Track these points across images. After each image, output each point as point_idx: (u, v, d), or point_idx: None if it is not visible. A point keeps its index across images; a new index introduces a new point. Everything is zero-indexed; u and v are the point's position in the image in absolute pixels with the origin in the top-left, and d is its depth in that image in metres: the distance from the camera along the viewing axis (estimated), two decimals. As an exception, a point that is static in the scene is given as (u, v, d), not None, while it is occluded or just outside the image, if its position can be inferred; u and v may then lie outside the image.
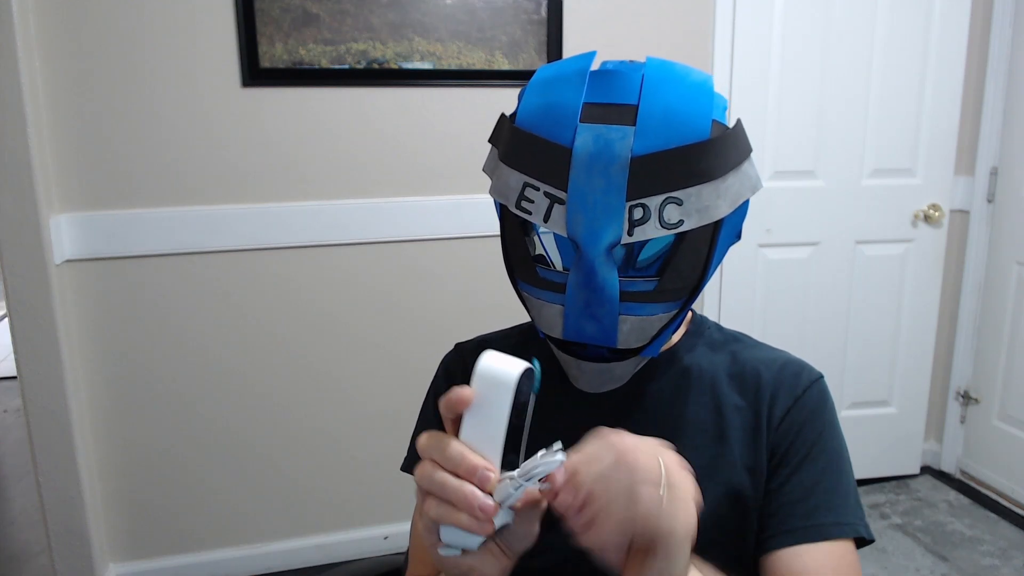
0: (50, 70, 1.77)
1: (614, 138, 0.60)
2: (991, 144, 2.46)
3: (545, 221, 0.63)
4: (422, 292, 2.12)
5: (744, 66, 2.22)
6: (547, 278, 0.66)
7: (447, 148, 2.06)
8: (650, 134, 0.60)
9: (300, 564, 2.16)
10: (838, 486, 0.71)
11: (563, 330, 0.66)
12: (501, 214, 0.70)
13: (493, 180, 0.69)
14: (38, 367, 1.81)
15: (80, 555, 1.92)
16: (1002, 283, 2.47)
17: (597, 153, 0.60)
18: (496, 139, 0.71)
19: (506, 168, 0.66)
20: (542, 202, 0.63)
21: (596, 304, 0.63)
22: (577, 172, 0.61)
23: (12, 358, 1.85)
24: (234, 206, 1.95)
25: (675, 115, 0.61)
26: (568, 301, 0.64)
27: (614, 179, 0.60)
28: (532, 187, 0.63)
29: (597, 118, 0.61)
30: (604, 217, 0.60)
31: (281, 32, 1.88)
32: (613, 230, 0.61)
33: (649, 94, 0.62)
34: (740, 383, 0.76)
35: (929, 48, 2.30)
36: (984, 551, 2.20)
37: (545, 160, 0.62)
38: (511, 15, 2.00)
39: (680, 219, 0.61)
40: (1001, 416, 2.50)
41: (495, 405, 0.48)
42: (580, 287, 0.63)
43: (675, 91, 0.62)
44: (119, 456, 1.99)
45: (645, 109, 0.61)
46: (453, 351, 0.87)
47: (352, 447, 2.15)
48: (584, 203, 0.61)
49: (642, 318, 0.65)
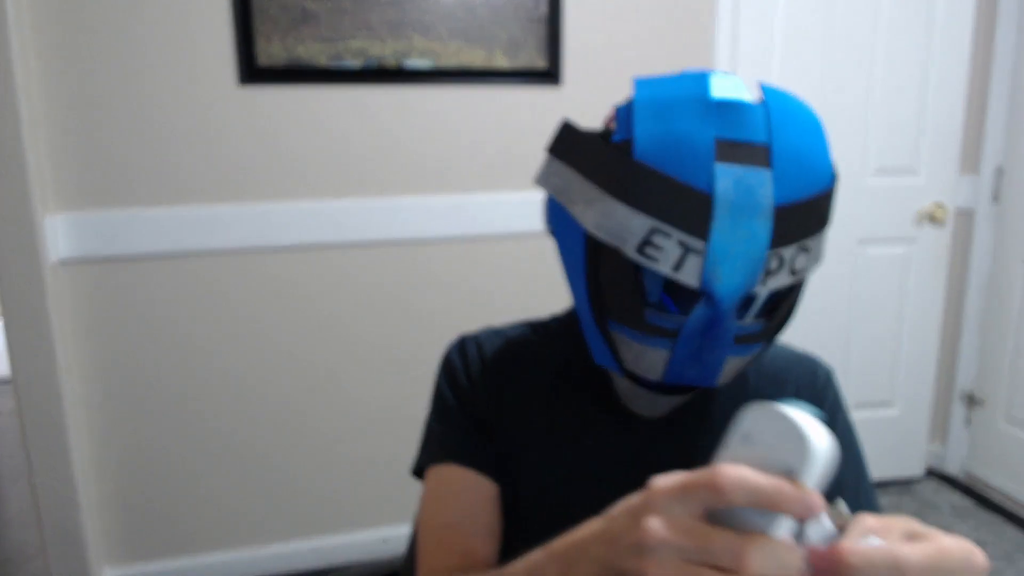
0: (45, 68, 1.75)
1: (753, 184, 0.56)
2: (996, 142, 2.44)
3: (676, 271, 0.57)
4: (421, 292, 2.10)
5: (746, 65, 2.20)
6: (658, 324, 0.60)
7: (446, 147, 2.04)
8: (788, 181, 0.57)
9: (298, 567, 2.14)
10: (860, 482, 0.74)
11: (664, 374, 0.62)
12: (589, 249, 0.62)
13: (591, 214, 0.60)
14: (32, 368, 1.79)
15: (75, 558, 1.91)
16: (1007, 283, 2.45)
17: (740, 201, 0.56)
18: (569, 156, 0.63)
19: (624, 208, 0.58)
20: (673, 250, 0.56)
21: (708, 351, 0.60)
22: (720, 222, 0.56)
23: (6, 359, 1.83)
24: (231, 205, 1.93)
25: (807, 159, 0.58)
26: (680, 348, 0.60)
27: (758, 230, 0.56)
28: (663, 234, 0.57)
29: (731, 157, 0.56)
30: (744, 269, 0.56)
31: (279, 30, 1.87)
32: (750, 281, 0.57)
33: (779, 132, 0.58)
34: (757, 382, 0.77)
35: (933, 45, 2.29)
36: (989, 554, 2.18)
37: (680, 204, 0.56)
38: (511, 13, 1.99)
39: (805, 266, 0.60)
40: (1006, 418, 2.48)
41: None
42: (698, 335, 0.59)
43: (800, 129, 0.59)
44: (114, 458, 1.98)
45: (779, 151, 0.57)
46: (460, 342, 0.82)
47: (351, 449, 2.13)
48: (726, 255, 0.56)
49: (745, 358, 0.63)
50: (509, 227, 2.09)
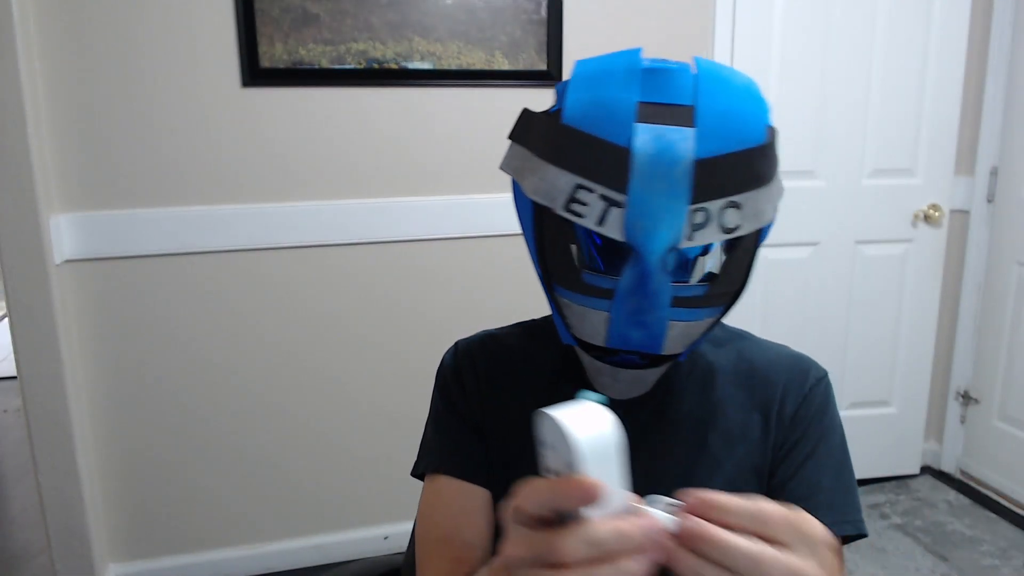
0: (50, 70, 1.77)
1: (675, 139, 0.57)
2: (991, 144, 2.46)
3: (600, 224, 0.59)
4: (421, 292, 2.12)
5: (744, 66, 2.22)
6: (593, 284, 0.62)
7: (447, 148, 2.06)
8: (711, 137, 0.58)
9: (300, 564, 2.16)
10: (839, 484, 0.72)
11: (607, 338, 0.63)
12: (535, 216, 0.65)
13: (530, 180, 0.64)
14: (38, 367, 1.81)
15: (80, 555, 1.92)
16: (1002, 283, 2.47)
17: (659, 155, 0.57)
18: (523, 136, 0.67)
19: (553, 168, 0.61)
20: (597, 204, 0.59)
21: (646, 310, 0.60)
22: (638, 174, 0.57)
23: (12, 358, 1.85)
24: (234, 206, 1.95)
25: (733, 117, 0.59)
26: (616, 307, 0.61)
27: (677, 182, 0.57)
28: (586, 189, 0.59)
29: (654, 117, 0.58)
30: (665, 221, 0.58)
31: (281, 32, 1.88)
32: (673, 235, 0.58)
33: (705, 95, 0.60)
34: (748, 381, 0.76)
35: (929, 48, 2.30)
36: (984, 551, 2.20)
37: (601, 160, 0.59)
38: (511, 15, 2.00)
39: (738, 224, 0.60)
40: (1001, 416, 2.50)
41: (609, 470, 0.41)
42: (632, 293, 0.60)
43: (730, 93, 0.61)
44: (119, 456, 1.99)
45: (704, 111, 0.59)
46: (453, 349, 0.85)
47: (351, 447, 2.14)
48: (645, 206, 0.58)
49: (689, 323, 0.63)
50: (509, 228, 2.11)
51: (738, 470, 0.73)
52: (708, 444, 0.73)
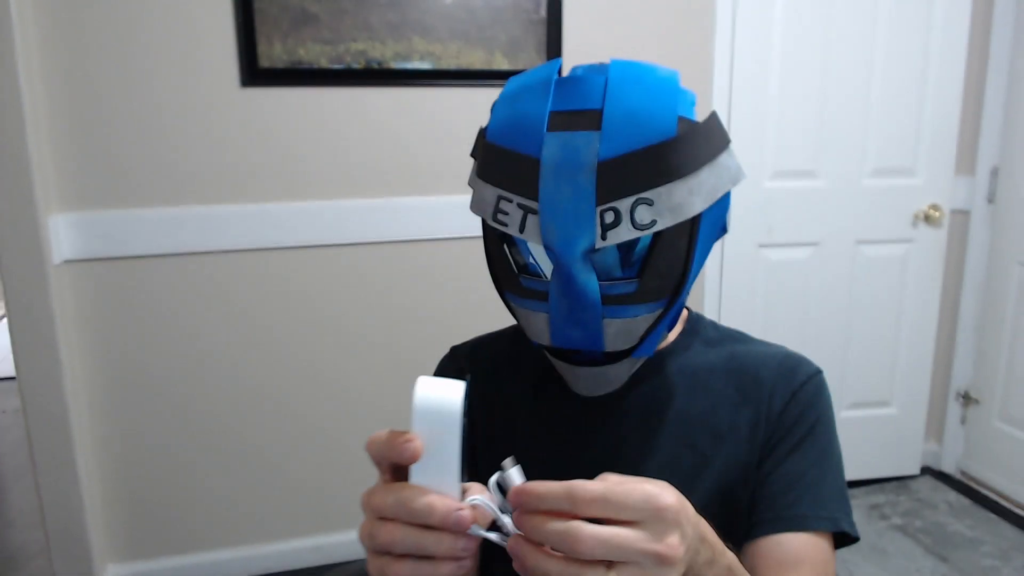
0: (49, 70, 1.77)
1: (579, 144, 0.60)
2: (992, 144, 2.46)
3: (521, 232, 0.63)
4: (421, 292, 2.12)
5: (745, 66, 2.22)
6: (530, 287, 0.66)
7: (446, 148, 2.05)
8: (615, 137, 0.60)
9: (299, 564, 2.15)
10: (823, 479, 0.72)
11: (550, 337, 0.66)
12: (483, 228, 0.71)
13: (472, 195, 0.69)
14: (37, 367, 1.80)
15: (78, 556, 1.92)
16: (1003, 283, 2.47)
17: (564, 160, 0.60)
18: (475, 153, 0.71)
19: (481, 182, 0.66)
20: (516, 213, 0.63)
21: (579, 310, 0.63)
22: (546, 181, 0.61)
23: (11, 358, 1.84)
24: (233, 206, 1.95)
25: (639, 115, 0.61)
26: (552, 309, 0.64)
27: (582, 185, 0.60)
28: (506, 199, 0.64)
29: (563, 125, 0.61)
30: (575, 223, 0.61)
31: (280, 32, 1.88)
32: (586, 236, 0.61)
33: (613, 97, 0.61)
34: (739, 380, 0.76)
35: (930, 47, 2.30)
36: (985, 552, 2.20)
37: (516, 172, 0.63)
38: (511, 15, 2.00)
39: (652, 219, 0.61)
40: (1002, 417, 2.50)
41: (445, 439, 0.45)
42: (561, 294, 0.63)
43: (638, 91, 0.62)
44: (118, 456, 1.99)
45: (609, 112, 0.61)
46: (448, 355, 0.86)
47: (351, 447, 2.14)
48: (555, 211, 0.61)
49: (626, 320, 0.64)
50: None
51: (727, 468, 0.73)
52: (697, 442, 0.74)
